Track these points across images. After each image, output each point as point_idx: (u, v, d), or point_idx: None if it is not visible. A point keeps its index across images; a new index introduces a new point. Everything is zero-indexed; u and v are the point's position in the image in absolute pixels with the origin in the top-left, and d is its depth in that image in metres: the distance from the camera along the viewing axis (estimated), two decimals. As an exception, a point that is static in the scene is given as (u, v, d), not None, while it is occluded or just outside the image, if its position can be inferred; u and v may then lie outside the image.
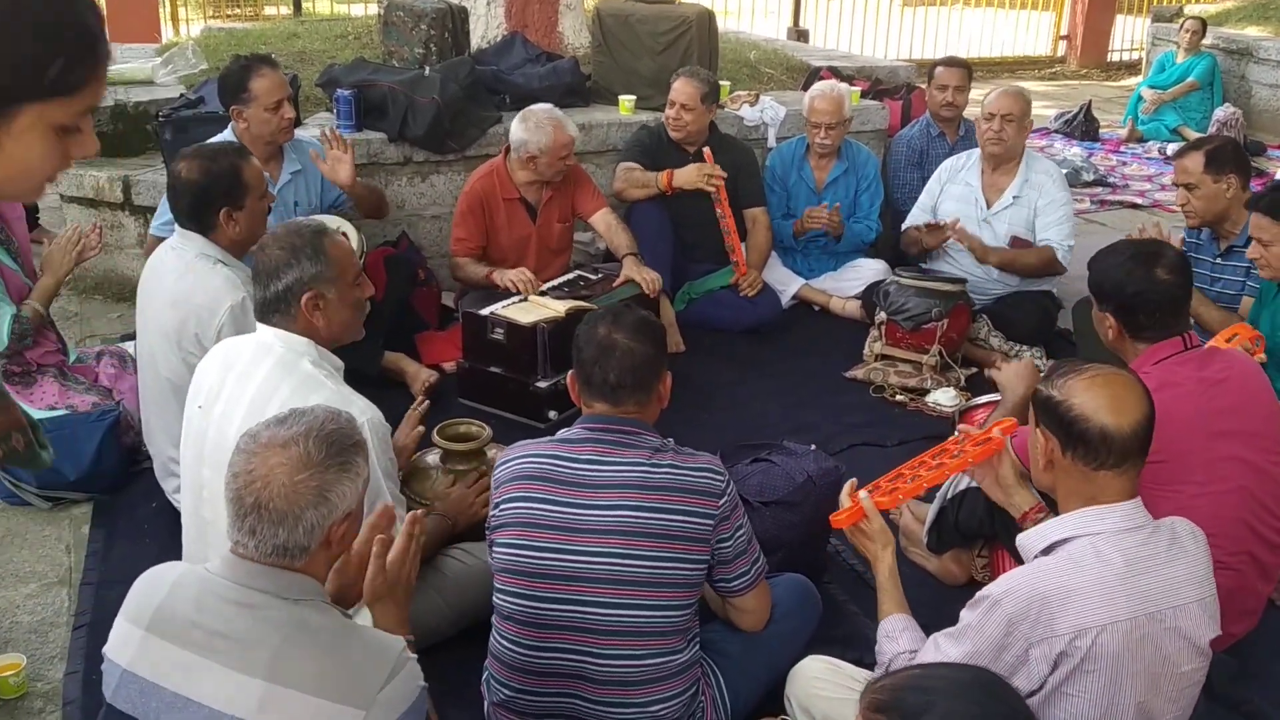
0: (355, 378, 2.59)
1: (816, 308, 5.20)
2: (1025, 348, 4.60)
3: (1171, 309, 2.77)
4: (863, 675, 2.38)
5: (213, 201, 3.08)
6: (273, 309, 2.51)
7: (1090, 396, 2.03)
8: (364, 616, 2.41)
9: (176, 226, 3.20)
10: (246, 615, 1.71)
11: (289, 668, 1.66)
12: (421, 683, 1.79)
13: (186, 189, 3.09)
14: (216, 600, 1.73)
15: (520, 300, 4.22)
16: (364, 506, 2.42)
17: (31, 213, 5.46)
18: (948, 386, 4.33)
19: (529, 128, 4.35)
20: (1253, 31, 10.17)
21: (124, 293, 4.94)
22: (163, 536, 3.24)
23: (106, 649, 1.79)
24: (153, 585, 1.80)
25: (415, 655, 1.83)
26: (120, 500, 3.50)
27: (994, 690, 1.53)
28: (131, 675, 1.72)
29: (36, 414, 3.48)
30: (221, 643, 1.68)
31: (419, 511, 2.16)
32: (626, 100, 5.50)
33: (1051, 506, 2.31)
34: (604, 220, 4.65)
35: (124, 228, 4.97)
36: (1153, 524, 2.05)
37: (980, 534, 2.99)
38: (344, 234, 3.57)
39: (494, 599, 2.36)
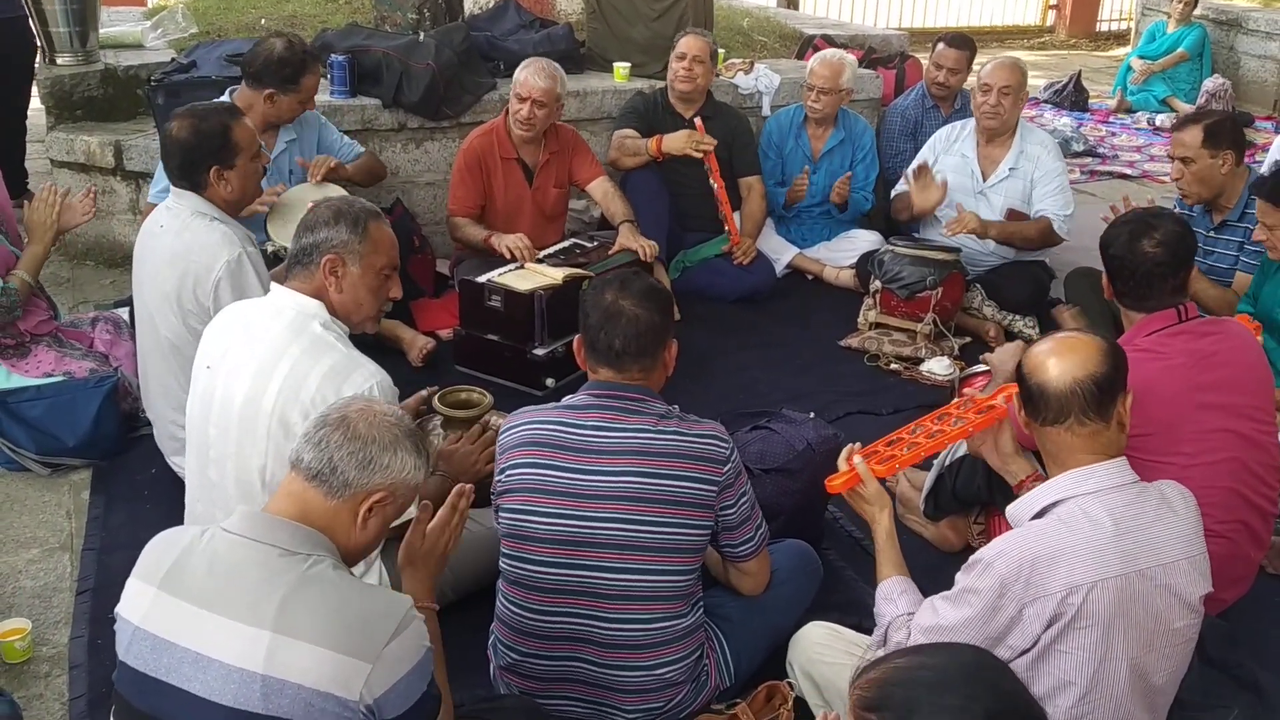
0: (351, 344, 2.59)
1: (810, 277, 5.21)
2: (1018, 317, 4.63)
3: (1145, 281, 2.74)
4: (863, 640, 2.43)
5: (202, 160, 3.08)
6: (297, 260, 2.53)
7: (1037, 355, 2.14)
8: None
9: (171, 187, 3.20)
10: (257, 569, 1.73)
11: (296, 618, 1.68)
12: (427, 643, 1.80)
13: (176, 147, 3.10)
14: (229, 556, 1.75)
15: (516, 268, 4.22)
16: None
17: (20, 179, 5.41)
18: (941, 355, 4.35)
19: (526, 64, 4.42)
20: (1241, 2, 10.17)
21: (116, 258, 4.91)
22: (162, 501, 3.25)
23: (119, 609, 1.80)
24: (166, 545, 1.82)
25: (423, 616, 1.84)
26: (119, 466, 3.50)
27: (982, 675, 1.49)
28: (144, 632, 1.74)
29: (33, 381, 3.48)
30: (232, 595, 1.70)
31: (466, 486, 2.21)
32: (621, 67, 5.47)
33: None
34: (601, 188, 4.65)
35: (116, 193, 4.93)
36: (1140, 485, 2.09)
37: (977, 500, 3.02)
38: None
39: (500, 563, 2.38)
